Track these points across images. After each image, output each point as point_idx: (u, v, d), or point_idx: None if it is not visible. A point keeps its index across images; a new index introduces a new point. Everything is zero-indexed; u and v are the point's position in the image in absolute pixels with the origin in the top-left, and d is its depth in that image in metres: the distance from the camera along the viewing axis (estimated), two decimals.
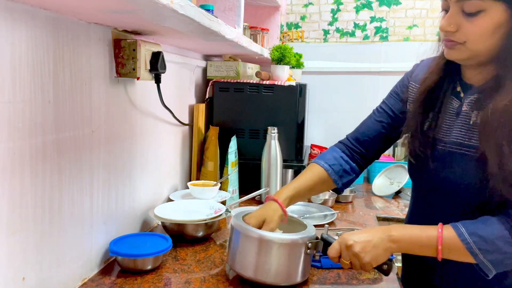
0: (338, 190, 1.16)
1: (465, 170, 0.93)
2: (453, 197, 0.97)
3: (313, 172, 1.12)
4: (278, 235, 0.97)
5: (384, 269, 1.00)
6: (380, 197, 1.98)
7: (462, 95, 0.96)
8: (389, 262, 1.00)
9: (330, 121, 2.52)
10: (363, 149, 1.16)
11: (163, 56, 1.18)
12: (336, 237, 1.03)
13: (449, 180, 0.96)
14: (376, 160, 1.26)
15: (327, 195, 1.74)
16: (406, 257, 1.22)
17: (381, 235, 0.93)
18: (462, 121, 0.95)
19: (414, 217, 1.12)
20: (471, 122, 0.93)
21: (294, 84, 1.74)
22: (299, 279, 0.99)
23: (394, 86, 1.19)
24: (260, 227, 1.00)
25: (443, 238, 0.89)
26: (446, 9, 0.88)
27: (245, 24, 1.85)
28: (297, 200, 1.10)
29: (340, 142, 1.22)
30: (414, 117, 1.02)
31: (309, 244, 0.97)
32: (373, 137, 1.14)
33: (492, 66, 0.89)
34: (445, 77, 0.99)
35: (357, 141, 1.17)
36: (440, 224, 0.91)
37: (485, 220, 0.89)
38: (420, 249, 0.92)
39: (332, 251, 0.95)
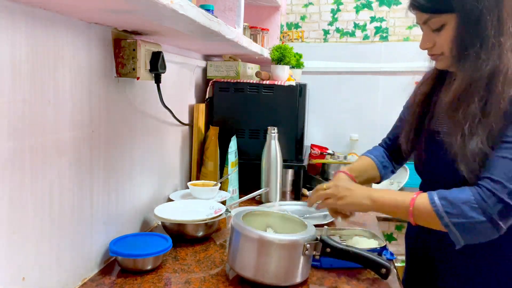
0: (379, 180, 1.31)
1: (443, 157, 1.01)
2: (444, 183, 1.01)
3: (366, 160, 1.29)
4: (278, 236, 0.97)
5: (382, 272, 1.00)
6: None
7: None
8: (388, 266, 1.00)
9: (330, 121, 2.52)
10: (393, 151, 1.31)
11: (163, 56, 1.18)
12: (336, 238, 1.03)
13: (437, 169, 1.06)
14: None
15: None
16: (409, 258, 1.22)
17: (362, 191, 1.07)
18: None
19: None
20: None
21: (294, 84, 1.74)
22: (299, 279, 0.99)
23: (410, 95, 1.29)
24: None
25: (415, 201, 0.98)
26: (422, 30, 1.03)
27: (245, 24, 1.85)
28: (359, 176, 1.23)
29: (379, 144, 1.38)
30: (413, 114, 1.14)
31: (308, 245, 0.97)
32: (398, 141, 1.25)
33: None
34: (440, 80, 1.10)
35: (387, 145, 1.33)
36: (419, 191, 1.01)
37: (459, 188, 0.95)
38: (394, 210, 1.02)
39: (324, 185, 1.12)
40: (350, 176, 1.19)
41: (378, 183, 1.33)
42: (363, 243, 1.19)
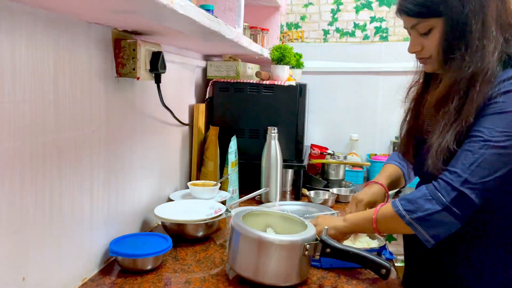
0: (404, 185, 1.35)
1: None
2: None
3: (394, 168, 1.32)
4: (278, 237, 0.97)
5: (382, 273, 1.00)
6: None
7: None
8: (388, 266, 1.00)
9: (330, 121, 2.52)
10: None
11: (163, 56, 1.18)
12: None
13: (425, 170, 1.06)
14: (376, 160, 1.30)
15: (327, 195, 1.74)
16: (408, 258, 1.22)
17: (339, 218, 1.13)
18: None
19: None
20: None
21: (294, 84, 1.74)
22: (299, 279, 0.99)
23: None
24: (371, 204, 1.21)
25: (379, 209, 1.04)
26: (410, 34, 1.05)
27: (245, 24, 1.85)
28: (390, 185, 1.28)
29: (395, 149, 1.37)
30: (406, 119, 1.17)
31: (307, 245, 0.97)
32: None
33: None
34: (429, 83, 1.11)
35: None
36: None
37: (418, 188, 1.00)
38: (362, 223, 1.07)
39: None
40: (384, 187, 1.25)
41: (403, 187, 1.38)
42: (362, 243, 1.19)
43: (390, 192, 1.94)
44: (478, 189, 0.92)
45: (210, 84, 1.82)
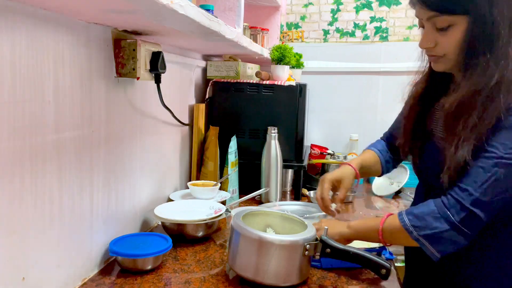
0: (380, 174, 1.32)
1: (436, 161, 0.99)
2: (436, 188, 1.02)
3: (371, 154, 1.29)
4: (278, 237, 0.97)
5: (382, 273, 1.00)
6: (380, 197, 1.98)
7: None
8: (388, 266, 1.00)
9: (330, 121, 2.52)
10: (394, 146, 1.26)
11: (163, 56, 1.18)
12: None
13: (429, 171, 1.05)
14: None
15: None
16: (408, 258, 1.22)
17: (343, 223, 1.11)
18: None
19: (413, 204, 1.19)
20: None
21: (294, 84, 1.74)
22: (299, 279, 0.99)
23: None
24: (335, 187, 1.20)
25: (385, 221, 1.01)
26: (422, 26, 0.97)
27: (245, 24, 1.85)
28: (363, 171, 1.25)
29: (380, 138, 1.37)
30: (408, 117, 1.12)
31: (307, 246, 0.97)
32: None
33: None
34: (435, 82, 1.06)
35: (391, 136, 1.29)
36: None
37: (425, 202, 0.97)
38: (367, 232, 1.05)
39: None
40: (354, 168, 1.21)
41: (379, 176, 1.34)
42: (363, 243, 1.19)
43: (389, 193, 1.96)
44: (489, 208, 0.89)
45: (210, 84, 1.82)
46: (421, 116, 1.10)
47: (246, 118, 1.76)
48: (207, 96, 1.82)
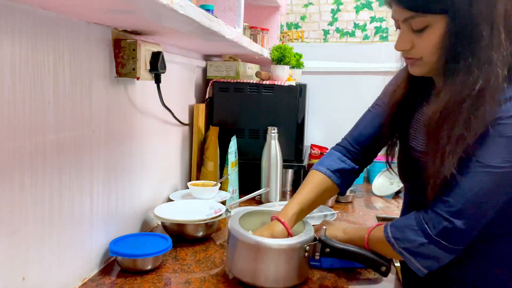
0: (340, 193, 1.16)
1: (417, 179, 0.95)
2: (419, 197, 0.97)
3: (314, 182, 1.11)
4: (276, 241, 0.96)
5: (382, 270, 1.01)
6: (380, 197, 1.98)
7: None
8: (388, 264, 1.00)
9: (330, 121, 2.52)
10: (362, 150, 1.16)
11: (163, 56, 1.18)
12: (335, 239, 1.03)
13: (415, 184, 1.01)
14: (376, 160, 1.28)
15: None
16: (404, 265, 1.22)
17: (341, 228, 1.09)
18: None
19: (401, 214, 1.17)
20: None
21: (294, 84, 1.74)
22: (298, 280, 0.99)
23: (387, 84, 1.22)
24: None
25: (372, 230, 1.01)
26: (398, 27, 0.91)
27: (245, 24, 1.85)
28: (303, 216, 1.08)
29: (338, 144, 1.22)
30: (389, 129, 1.08)
31: (307, 247, 0.97)
32: (371, 136, 1.15)
33: None
34: (416, 87, 1.01)
35: (356, 142, 1.17)
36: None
37: (408, 214, 0.94)
38: (356, 240, 1.03)
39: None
40: (284, 225, 1.02)
41: (341, 195, 1.18)
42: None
43: (389, 193, 1.96)
44: (474, 219, 0.84)
45: (210, 84, 1.82)
46: (400, 124, 1.04)
47: (246, 118, 1.77)
48: (207, 96, 1.82)
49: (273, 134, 1.64)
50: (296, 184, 1.81)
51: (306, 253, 0.97)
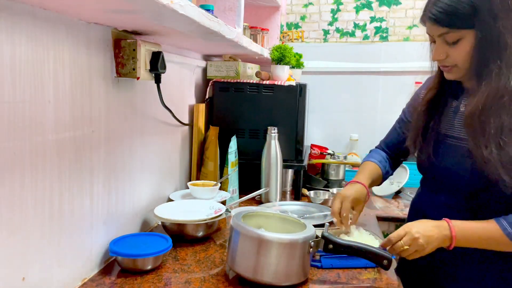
0: (380, 183, 1.38)
1: (458, 160, 1.06)
2: (453, 185, 1.08)
3: (372, 166, 1.33)
4: (278, 235, 0.97)
5: (384, 264, 1.01)
6: (380, 197, 1.98)
7: (460, 97, 1.11)
8: (389, 256, 1.00)
9: (330, 121, 2.52)
10: (393, 153, 1.36)
11: (163, 56, 1.18)
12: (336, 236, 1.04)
13: (448, 170, 1.08)
14: None
15: (327, 195, 1.74)
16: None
17: (440, 235, 0.99)
18: (458, 118, 1.09)
19: (421, 204, 1.22)
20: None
21: (294, 84, 1.74)
22: (299, 279, 0.99)
23: (410, 99, 1.32)
24: (350, 206, 1.22)
25: (454, 229, 0.98)
26: (433, 41, 1.04)
27: (245, 24, 1.84)
28: (372, 185, 1.32)
29: (377, 147, 1.42)
30: (419, 119, 1.17)
31: (312, 243, 0.99)
32: (399, 143, 1.31)
33: None
34: (444, 89, 1.13)
35: (387, 147, 1.37)
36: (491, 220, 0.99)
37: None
38: (486, 242, 0.99)
39: (395, 235, 1.01)
40: (366, 189, 1.26)
41: (378, 185, 1.39)
42: (362, 237, 1.19)
43: (389, 193, 1.96)
44: None
45: (210, 84, 1.82)
46: (430, 119, 1.15)
47: (246, 118, 1.76)
48: (207, 96, 1.82)
49: (273, 134, 1.64)
50: (296, 184, 1.81)
51: (311, 249, 0.99)
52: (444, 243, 0.99)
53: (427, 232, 0.99)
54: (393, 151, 1.36)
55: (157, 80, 1.21)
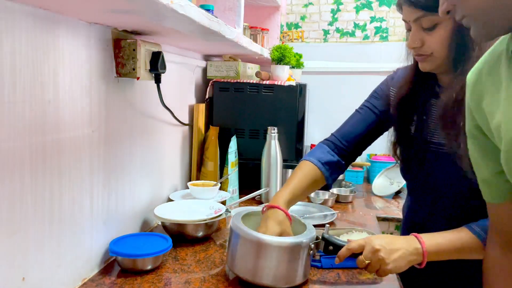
0: (327, 187, 1.20)
1: (444, 167, 1.02)
2: (441, 193, 1.06)
3: (304, 171, 1.15)
4: (277, 239, 0.97)
5: None
6: (380, 197, 1.98)
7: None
8: None
9: (330, 121, 2.51)
10: (349, 147, 1.21)
11: (163, 56, 1.18)
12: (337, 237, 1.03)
13: (435, 178, 1.06)
14: (376, 160, 1.29)
15: (327, 195, 1.74)
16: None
17: (407, 247, 0.94)
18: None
19: (411, 213, 1.19)
20: None
21: (294, 84, 1.74)
22: (299, 280, 0.99)
23: (376, 88, 1.30)
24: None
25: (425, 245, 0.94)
26: (409, 29, 0.99)
27: (245, 24, 1.84)
28: (294, 203, 1.12)
29: (326, 139, 1.26)
30: (399, 122, 1.12)
31: (312, 245, 0.98)
32: (358, 135, 1.20)
33: None
34: (420, 84, 1.08)
35: (343, 139, 1.22)
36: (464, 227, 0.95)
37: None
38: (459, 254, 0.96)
39: (355, 245, 0.96)
40: (285, 213, 1.03)
41: (327, 188, 1.22)
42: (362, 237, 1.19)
43: (389, 193, 1.96)
44: None
45: (210, 84, 1.82)
46: (407, 120, 1.10)
47: (246, 118, 1.76)
48: (207, 96, 1.82)
49: (273, 134, 1.64)
50: None
51: (312, 251, 0.98)
52: (414, 256, 0.93)
53: (390, 245, 0.93)
54: (353, 143, 1.20)
55: (157, 80, 1.21)
